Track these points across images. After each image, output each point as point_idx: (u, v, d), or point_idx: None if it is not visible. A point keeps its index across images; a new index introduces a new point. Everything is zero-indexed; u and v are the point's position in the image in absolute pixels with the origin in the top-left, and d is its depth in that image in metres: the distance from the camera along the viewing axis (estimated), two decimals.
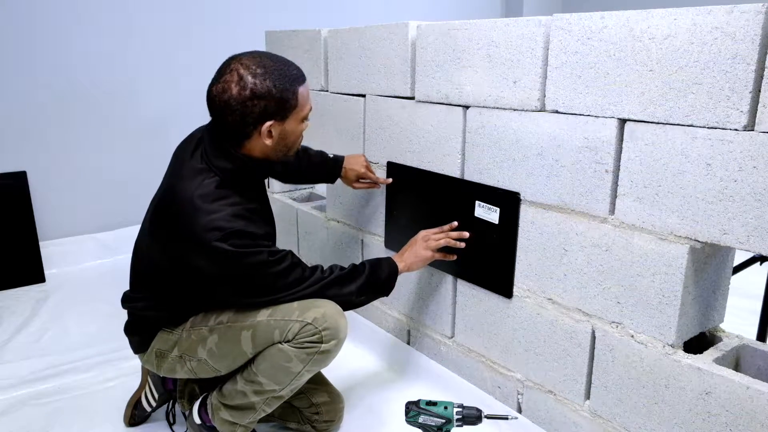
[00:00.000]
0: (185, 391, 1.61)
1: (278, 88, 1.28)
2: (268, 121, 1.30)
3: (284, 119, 1.33)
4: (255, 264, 1.28)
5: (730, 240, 1.12)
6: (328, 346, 1.32)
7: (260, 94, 1.26)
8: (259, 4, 3.34)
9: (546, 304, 1.49)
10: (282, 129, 1.34)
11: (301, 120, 1.38)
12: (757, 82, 1.04)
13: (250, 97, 1.26)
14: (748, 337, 1.33)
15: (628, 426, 1.34)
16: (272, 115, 1.30)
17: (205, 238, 1.23)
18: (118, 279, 2.24)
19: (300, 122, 1.38)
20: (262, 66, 1.27)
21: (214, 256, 1.25)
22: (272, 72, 1.28)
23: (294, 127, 1.37)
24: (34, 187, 2.78)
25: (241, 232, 1.26)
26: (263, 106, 1.27)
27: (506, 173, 1.53)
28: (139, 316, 1.47)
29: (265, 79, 1.26)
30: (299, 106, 1.34)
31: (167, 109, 3.11)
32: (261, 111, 1.28)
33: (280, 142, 1.36)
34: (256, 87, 1.26)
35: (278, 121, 1.32)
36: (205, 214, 1.25)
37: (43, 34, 2.71)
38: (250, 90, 1.25)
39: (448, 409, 1.30)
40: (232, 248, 1.24)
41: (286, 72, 1.31)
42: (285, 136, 1.36)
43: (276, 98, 1.28)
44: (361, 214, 2.11)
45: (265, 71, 1.27)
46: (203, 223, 1.24)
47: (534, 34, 1.39)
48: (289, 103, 1.31)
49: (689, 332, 1.27)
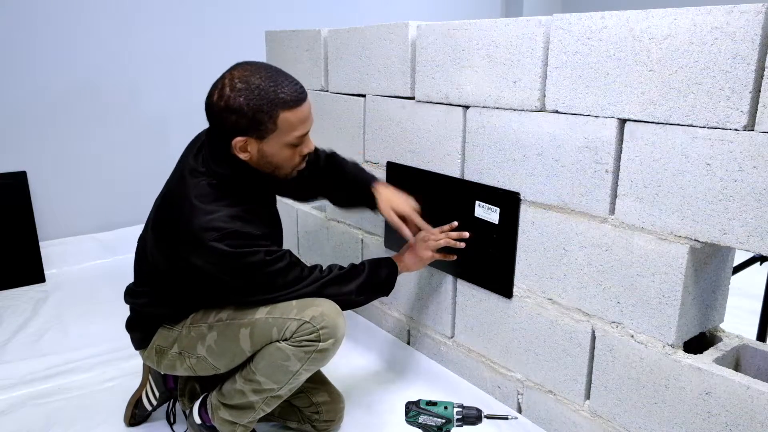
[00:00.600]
0: (186, 389, 1.61)
1: (251, 108, 1.23)
2: (239, 137, 1.26)
3: (261, 139, 1.28)
4: (252, 264, 1.29)
5: (730, 240, 1.12)
6: (326, 344, 1.32)
7: (232, 109, 1.23)
8: (259, 4, 3.34)
9: (546, 304, 1.49)
10: (260, 148, 1.29)
11: (288, 145, 1.31)
12: (757, 82, 1.04)
13: (224, 108, 1.24)
14: (748, 337, 1.33)
15: (628, 426, 1.34)
16: (245, 132, 1.26)
17: (202, 237, 1.24)
18: (118, 279, 2.24)
19: (285, 147, 1.31)
20: (245, 81, 1.23)
21: (211, 256, 1.25)
22: (253, 90, 1.23)
23: (276, 150, 1.31)
24: (34, 187, 2.78)
25: (237, 232, 1.26)
26: (234, 120, 1.24)
27: (506, 173, 1.53)
28: (141, 312, 1.48)
29: (239, 95, 1.22)
30: (279, 130, 1.27)
31: (168, 109, 3.11)
32: (232, 125, 1.25)
33: (262, 160, 1.32)
34: (229, 101, 1.23)
35: (254, 138, 1.27)
36: (203, 214, 1.25)
37: (43, 34, 2.71)
38: (225, 102, 1.23)
39: (448, 409, 1.30)
40: (229, 248, 1.24)
41: (271, 94, 1.24)
42: (265, 156, 1.31)
43: (248, 116, 1.24)
44: (361, 214, 2.11)
45: (245, 87, 1.23)
46: (201, 223, 1.24)
47: (534, 34, 1.39)
48: (264, 125, 1.25)
49: (689, 332, 1.27)
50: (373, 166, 2.00)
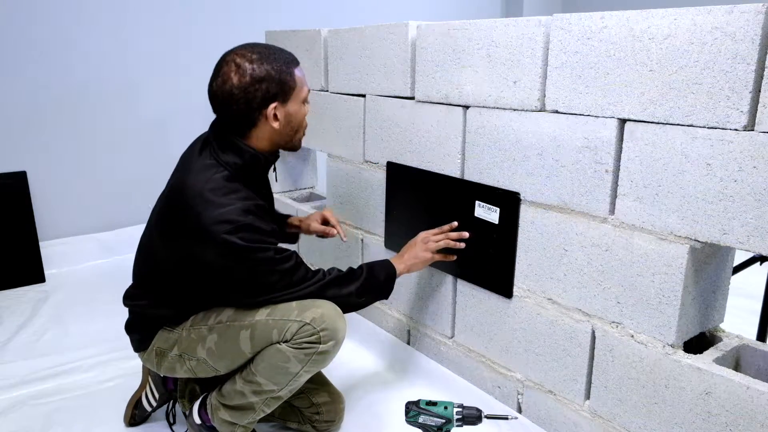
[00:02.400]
0: (186, 391, 1.61)
1: (276, 70, 1.32)
2: (272, 104, 1.34)
3: (286, 101, 1.36)
4: (261, 260, 1.29)
5: (730, 240, 1.11)
6: (326, 346, 1.32)
7: (260, 78, 1.31)
8: (259, 4, 3.34)
9: (546, 304, 1.49)
10: (286, 111, 1.37)
11: (302, 101, 1.41)
12: (757, 82, 1.04)
13: (250, 82, 1.30)
14: (748, 337, 1.33)
15: (628, 426, 1.34)
16: (274, 97, 1.34)
17: (215, 230, 1.24)
18: (118, 279, 2.24)
19: (301, 104, 1.41)
20: (256, 52, 1.32)
21: (223, 249, 1.25)
22: (267, 56, 1.32)
23: (297, 109, 1.40)
24: (34, 187, 2.78)
25: (250, 226, 1.26)
26: (265, 88, 1.32)
27: (506, 173, 1.53)
28: (140, 314, 1.47)
29: (261, 63, 1.31)
30: (298, 87, 1.38)
31: (167, 110, 3.11)
32: (263, 94, 1.32)
33: (287, 126, 1.40)
34: (254, 72, 1.30)
35: (281, 103, 1.35)
36: (216, 206, 1.25)
37: (43, 34, 2.71)
38: (250, 75, 1.30)
39: (448, 409, 1.30)
40: (242, 242, 1.25)
41: (280, 56, 1.35)
42: (290, 119, 1.39)
43: (276, 80, 1.32)
44: (361, 214, 2.11)
45: (260, 56, 1.32)
46: (214, 216, 1.24)
47: (534, 34, 1.39)
48: (287, 85, 1.35)
49: (689, 332, 1.27)
50: (373, 166, 2.01)
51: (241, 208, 1.27)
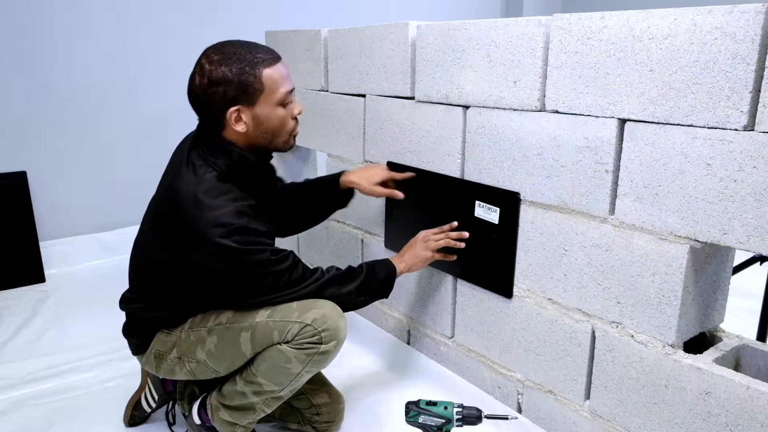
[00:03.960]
0: (185, 392, 1.61)
1: (234, 73, 1.27)
2: (231, 107, 1.29)
3: (252, 104, 1.30)
4: (257, 262, 1.28)
5: (730, 240, 1.11)
6: (328, 347, 1.32)
7: (216, 80, 1.27)
8: (259, 4, 3.34)
9: (546, 304, 1.49)
10: (253, 114, 1.31)
11: (277, 104, 1.33)
12: (757, 82, 1.04)
13: (208, 84, 1.28)
14: (748, 337, 1.33)
15: (628, 426, 1.34)
16: (234, 101, 1.29)
17: (208, 234, 1.23)
18: (118, 279, 2.23)
19: (276, 106, 1.33)
20: (221, 53, 1.28)
21: (217, 253, 1.24)
22: (230, 57, 1.27)
23: (269, 112, 1.33)
24: (34, 187, 2.77)
25: (244, 228, 1.25)
26: (222, 91, 1.27)
27: (506, 173, 1.53)
28: (138, 318, 1.46)
29: (220, 65, 1.27)
30: (266, 89, 1.30)
31: (167, 109, 3.11)
32: (221, 97, 1.28)
33: (258, 128, 1.34)
34: (211, 74, 1.27)
35: (245, 105, 1.30)
36: (209, 209, 1.25)
37: (43, 34, 2.71)
38: (207, 77, 1.27)
39: (448, 409, 1.30)
40: (236, 245, 1.24)
41: (248, 56, 1.28)
42: (261, 122, 1.33)
43: (233, 82, 1.27)
44: (361, 214, 2.11)
45: (222, 57, 1.27)
46: (207, 219, 1.24)
47: (534, 34, 1.39)
48: (251, 87, 1.29)
49: (689, 332, 1.27)
50: None
51: (234, 211, 1.26)
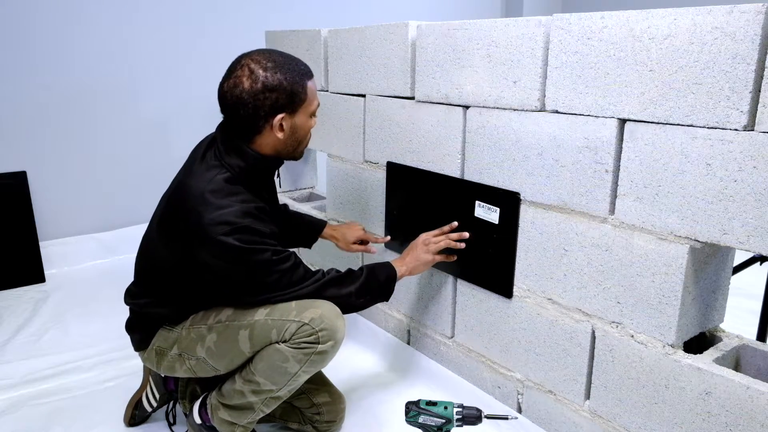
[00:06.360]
0: (187, 391, 1.61)
1: (288, 81, 1.32)
2: (279, 114, 1.33)
3: (294, 112, 1.36)
4: (259, 261, 1.29)
5: (730, 240, 1.12)
6: (325, 347, 1.32)
7: (271, 87, 1.30)
8: (259, 4, 3.34)
9: (546, 304, 1.49)
10: (292, 123, 1.37)
11: (310, 115, 1.41)
12: (757, 82, 1.04)
13: (261, 90, 1.30)
14: (748, 337, 1.34)
15: (628, 426, 1.34)
16: (283, 108, 1.33)
17: (212, 231, 1.24)
18: (118, 279, 2.24)
19: (309, 117, 1.41)
20: (272, 60, 1.32)
21: (220, 250, 1.25)
22: (282, 66, 1.32)
23: (303, 122, 1.40)
24: (34, 187, 2.78)
25: (248, 228, 1.27)
26: (274, 98, 1.31)
27: (506, 173, 1.53)
28: (140, 313, 1.47)
29: (275, 72, 1.31)
30: (308, 100, 1.38)
31: (167, 109, 3.11)
32: (272, 103, 1.32)
33: (291, 136, 1.39)
34: (267, 80, 1.30)
35: (288, 114, 1.35)
36: (215, 208, 1.26)
37: (43, 34, 2.71)
38: (262, 83, 1.30)
39: (448, 409, 1.30)
40: (239, 243, 1.25)
41: (295, 66, 1.35)
42: (295, 131, 1.39)
43: (287, 91, 1.32)
44: (361, 214, 2.11)
45: (275, 65, 1.31)
46: (212, 217, 1.25)
47: (534, 34, 1.39)
48: (298, 97, 1.35)
49: (689, 332, 1.27)
50: (373, 166, 2.01)
51: (239, 210, 1.27)
